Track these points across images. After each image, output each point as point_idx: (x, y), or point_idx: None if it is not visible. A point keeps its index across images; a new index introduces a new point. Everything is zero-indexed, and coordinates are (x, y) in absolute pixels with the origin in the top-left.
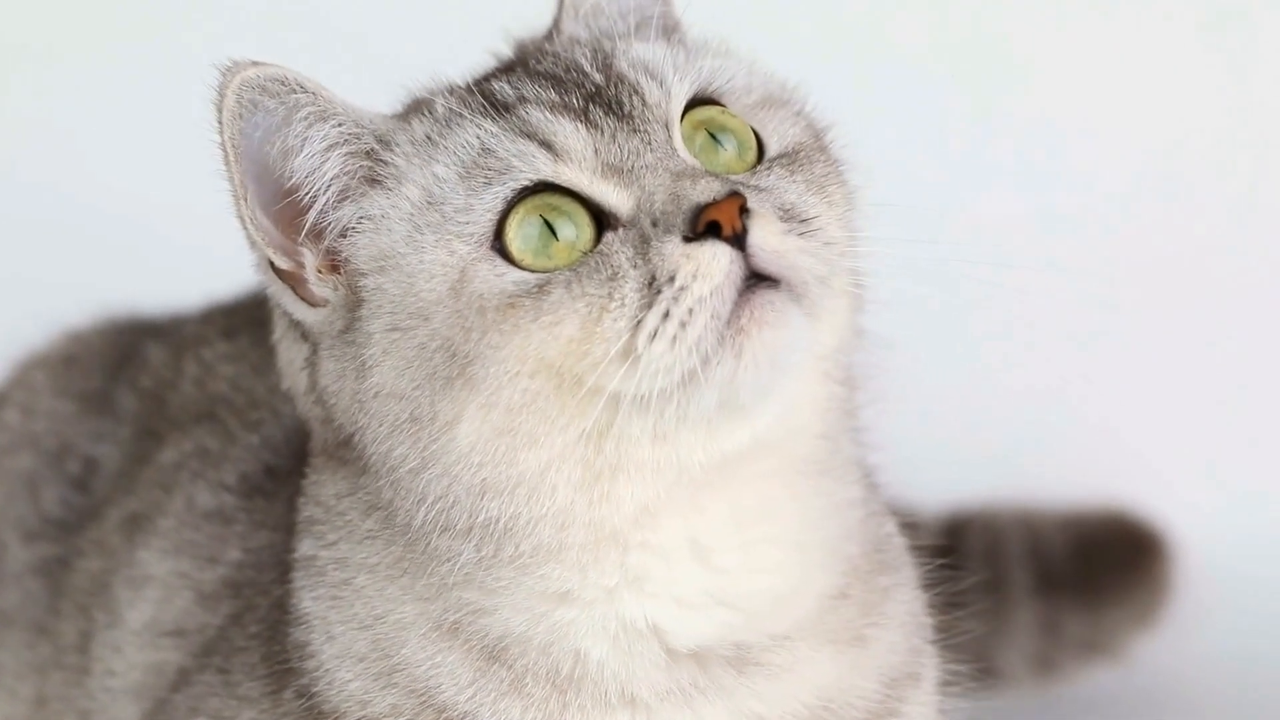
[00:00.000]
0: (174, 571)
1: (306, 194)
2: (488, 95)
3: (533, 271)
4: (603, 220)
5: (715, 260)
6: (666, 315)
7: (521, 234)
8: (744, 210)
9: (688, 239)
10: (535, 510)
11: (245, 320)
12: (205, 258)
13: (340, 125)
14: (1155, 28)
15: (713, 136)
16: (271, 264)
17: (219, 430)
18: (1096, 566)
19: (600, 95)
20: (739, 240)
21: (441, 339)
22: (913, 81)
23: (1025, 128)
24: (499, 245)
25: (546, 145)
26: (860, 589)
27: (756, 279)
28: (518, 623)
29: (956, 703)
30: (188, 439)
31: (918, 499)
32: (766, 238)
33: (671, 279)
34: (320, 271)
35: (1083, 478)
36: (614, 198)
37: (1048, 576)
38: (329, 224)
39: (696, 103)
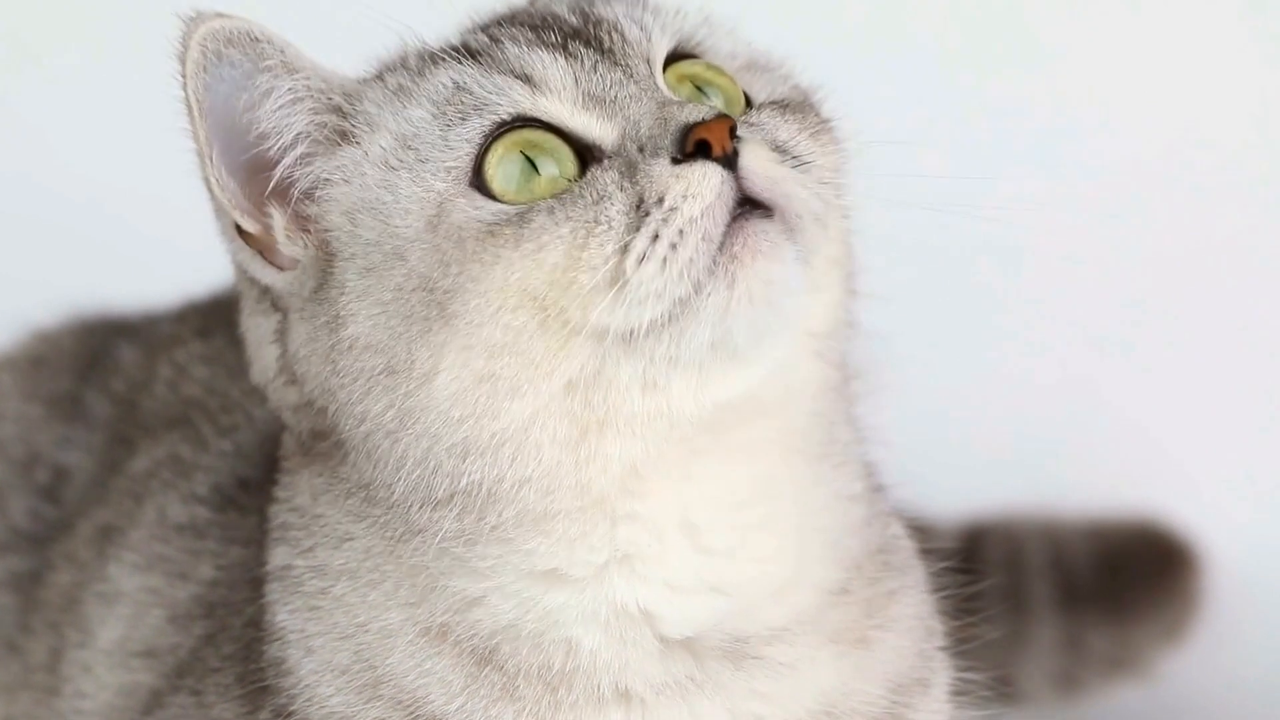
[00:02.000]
0: (145, 588)
1: (274, 148)
2: (462, 47)
3: (512, 206)
4: (586, 156)
5: (705, 179)
6: (656, 237)
7: (502, 171)
8: (734, 135)
9: (676, 160)
10: (520, 472)
11: (221, 319)
12: (180, 253)
13: (308, 80)
14: (1178, 9)
15: (699, 90)
16: (238, 229)
17: (192, 436)
18: (1122, 579)
19: (579, 34)
20: (730, 163)
21: (419, 277)
22: (926, 66)
23: (1047, 114)
24: (478, 183)
25: (525, 78)
26: (863, 588)
27: (749, 207)
28: (507, 610)
29: (971, 713)
30: (160, 445)
31: (934, 506)
32: (759, 161)
33: (660, 200)
34: (289, 232)
35: (1108, 485)
36: (597, 129)
37: (1071, 589)
38: (296, 179)
39: (680, 57)
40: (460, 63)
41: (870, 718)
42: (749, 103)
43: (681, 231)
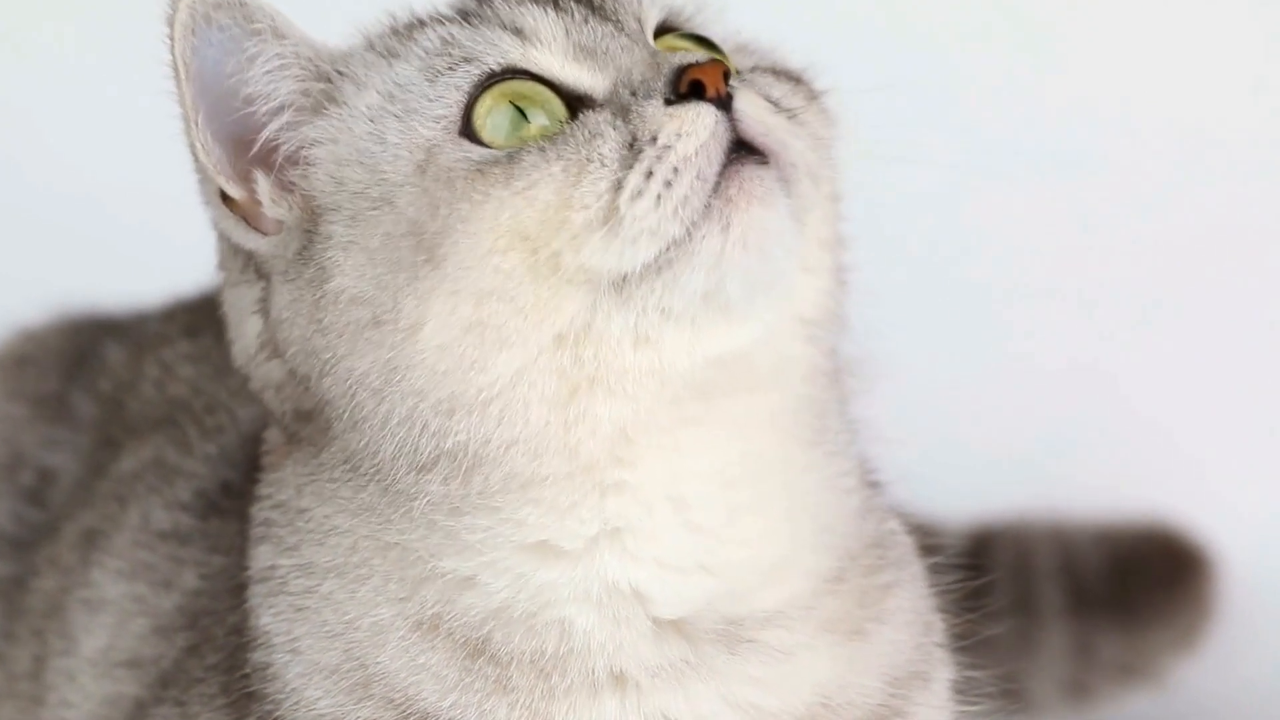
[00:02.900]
0: (129, 595)
1: (260, 113)
2: (452, 9)
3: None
4: (577, 107)
5: (700, 118)
6: (650, 174)
7: (491, 121)
8: (728, 81)
9: (669, 102)
10: (506, 433)
11: (209, 318)
12: (169, 250)
13: (296, 46)
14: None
15: None
16: (222, 195)
17: (177, 438)
18: (1133, 584)
19: None
20: (724, 105)
21: (408, 223)
22: (932, 56)
23: (1056, 106)
24: (467, 132)
25: (515, 30)
26: (858, 578)
27: (744, 152)
28: (499, 589)
29: (975, 710)
30: (146, 447)
31: (941, 509)
32: (754, 107)
33: (654, 139)
34: (273, 195)
35: (1119, 488)
36: (588, 80)
37: (1081, 594)
38: (281, 144)
39: (669, 30)
40: (449, 22)
41: (867, 710)
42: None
43: (675, 169)
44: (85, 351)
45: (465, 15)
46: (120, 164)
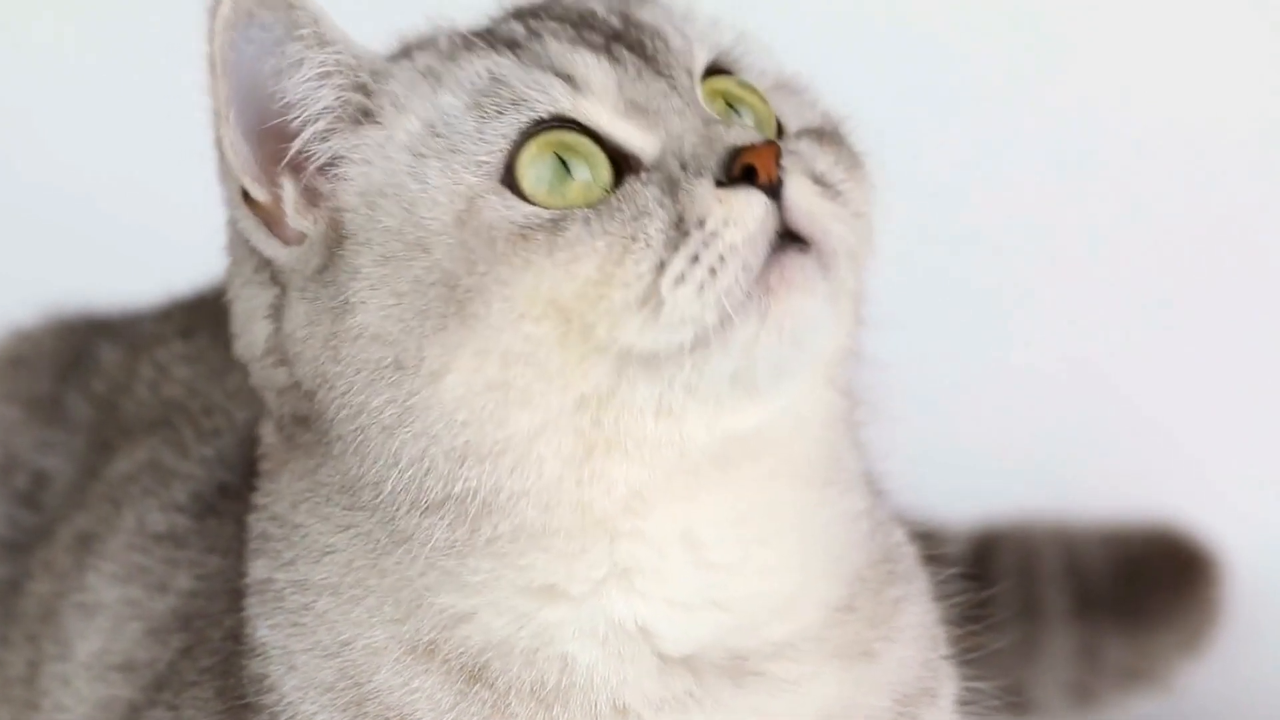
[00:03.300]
0: (124, 599)
1: (295, 120)
2: (495, 34)
3: (546, 208)
4: (621, 165)
5: (750, 208)
6: (695, 259)
7: (534, 171)
8: (779, 163)
9: (720, 183)
10: (518, 484)
11: (205, 317)
12: (165, 249)
13: (339, 54)
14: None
15: (730, 107)
16: (245, 196)
17: (173, 440)
18: (1139, 587)
19: (621, 37)
20: (773, 191)
21: (441, 272)
22: (933, 55)
23: (1060, 106)
24: (508, 180)
25: (566, 77)
26: (868, 602)
27: (785, 240)
28: (499, 626)
29: None
30: (140, 449)
31: (945, 512)
32: (802, 195)
33: (702, 223)
34: (299, 206)
35: (1124, 490)
36: (637, 139)
37: (1086, 598)
38: (313, 155)
39: (713, 71)
40: (497, 53)
41: None
42: (779, 130)
43: (722, 257)
44: (79, 352)
45: (513, 46)
46: (115, 163)
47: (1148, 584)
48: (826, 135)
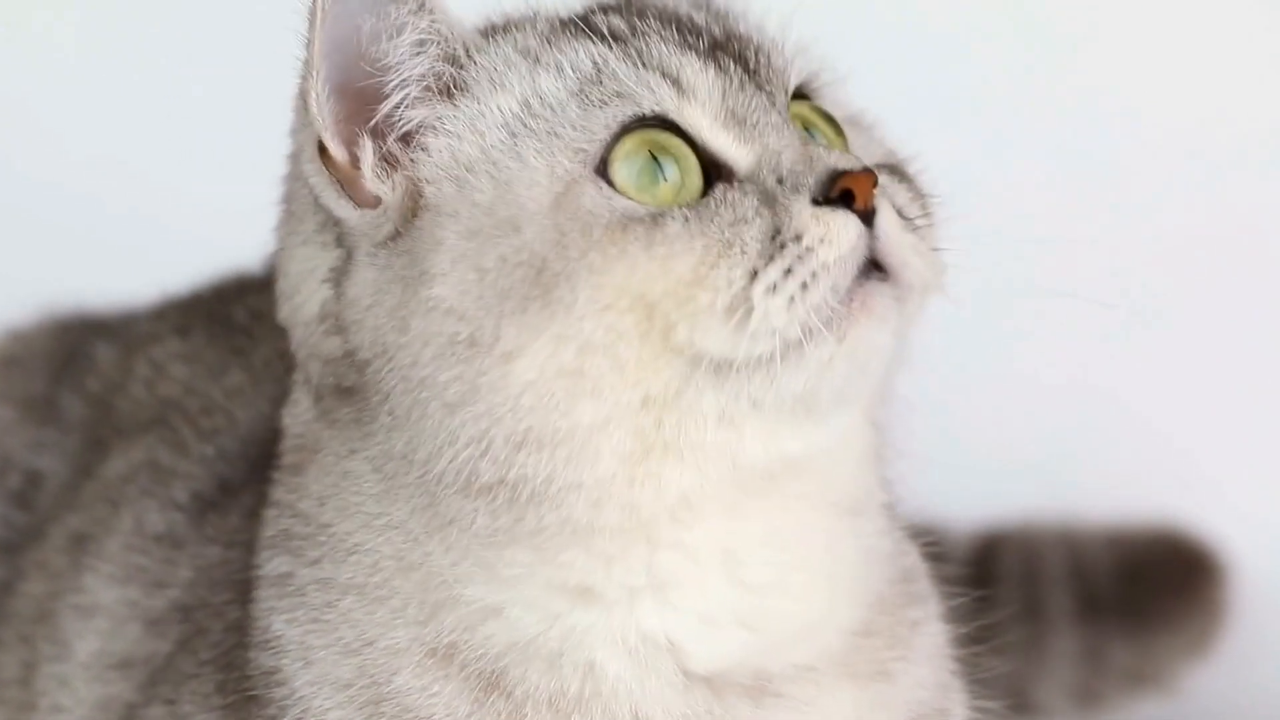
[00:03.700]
0: (122, 600)
1: (389, 84)
2: (595, 25)
3: (639, 204)
4: (712, 173)
5: (846, 230)
6: (789, 272)
7: (625, 166)
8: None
9: (817, 203)
10: (572, 476)
11: (201, 316)
12: (161, 246)
13: (439, 23)
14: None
15: (807, 132)
16: (322, 150)
17: (171, 439)
18: (1143, 589)
19: (724, 47)
20: (867, 219)
21: (529, 253)
22: (939, 62)
23: (1063, 110)
24: (602, 170)
25: (673, 80)
26: (887, 624)
27: (869, 267)
28: (527, 624)
29: None
30: (137, 448)
31: (947, 516)
32: (892, 225)
33: (799, 238)
34: (377, 170)
35: (1129, 491)
36: (733, 150)
37: (1091, 600)
38: (399, 121)
39: (798, 94)
40: (601, 44)
41: None
42: None
43: (814, 274)
44: (73, 352)
45: (617, 38)
46: (112, 163)
47: (1152, 586)
48: (899, 171)
